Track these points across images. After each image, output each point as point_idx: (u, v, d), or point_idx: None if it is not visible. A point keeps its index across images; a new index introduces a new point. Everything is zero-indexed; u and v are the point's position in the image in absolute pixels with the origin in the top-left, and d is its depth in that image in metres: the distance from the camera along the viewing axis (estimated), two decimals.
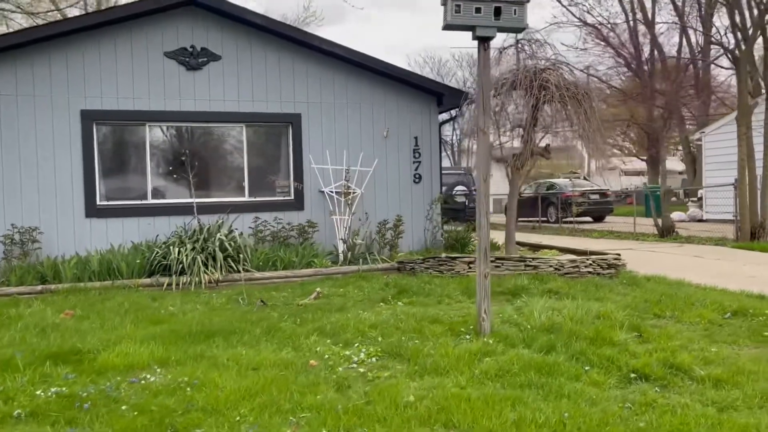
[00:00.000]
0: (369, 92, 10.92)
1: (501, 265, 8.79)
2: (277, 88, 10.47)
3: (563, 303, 6.53)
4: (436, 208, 11.03)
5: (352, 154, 10.69)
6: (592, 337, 5.29)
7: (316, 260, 9.53)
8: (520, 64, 9.69)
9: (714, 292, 7.45)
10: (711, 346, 5.17)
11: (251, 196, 10.48)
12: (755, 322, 5.94)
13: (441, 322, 6.07)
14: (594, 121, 8.93)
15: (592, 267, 8.77)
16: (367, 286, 8.26)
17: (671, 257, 11.45)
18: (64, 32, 9.42)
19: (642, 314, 6.35)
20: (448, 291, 7.77)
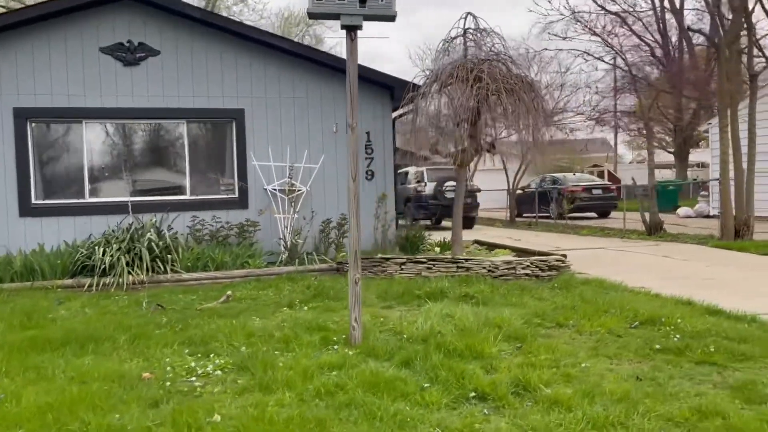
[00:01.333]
0: (317, 86, 10.54)
1: (433, 266, 8.34)
2: (219, 83, 10.17)
3: (464, 309, 6.08)
4: (384, 206, 10.60)
5: (299, 150, 10.35)
6: (461, 350, 4.85)
7: (250, 261, 9.21)
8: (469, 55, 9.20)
9: (642, 297, 6.90)
10: (587, 360, 4.69)
11: (193, 194, 10.21)
12: (657, 333, 5.41)
13: (325, 330, 5.69)
14: (535, 115, 8.40)
15: (530, 269, 8.26)
16: (289, 288, 7.92)
17: (638, 257, 10.82)
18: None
19: (544, 322, 5.87)
20: (366, 294, 7.35)
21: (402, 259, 8.52)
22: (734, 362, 4.61)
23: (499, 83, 8.23)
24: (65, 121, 9.73)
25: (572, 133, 23.63)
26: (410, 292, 7.22)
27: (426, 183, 20.18)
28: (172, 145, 10.36)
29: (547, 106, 9.06)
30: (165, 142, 10.41)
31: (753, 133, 12.39)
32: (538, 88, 8.93)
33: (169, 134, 10.35)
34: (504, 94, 8.19)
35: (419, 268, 8.36)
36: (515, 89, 8.34)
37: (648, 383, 4.18)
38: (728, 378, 4.29)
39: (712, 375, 4.37)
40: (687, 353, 4.76)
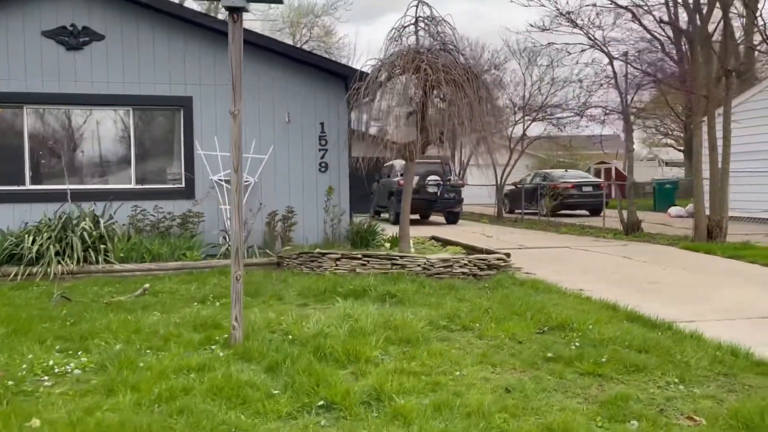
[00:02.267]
0: (269, 74, 10.24)
1: (367, 263, 8.04)
2: (166, 70, 9.90)
3: (370, 309, 5.78)
4: (334, 199, 10.29)
5: (250, 140, 10.04)
6: (339, 354, 4.55)
7: (188, 253, 8.95)
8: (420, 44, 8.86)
9: (569, 301, 6.55)
10: (469, 368, 4.37)
11: (139, 183, 9.96)
12: (561, 339, 5.08)
13: (218, 328, 5.40)
14: (479, 108, 8.05)
15: (468, 267, 7.93)
16: (215, 282, 7.65)
17: (597, 258, 10.44)
18: None
19: (450, 324, 5.55)
20: (288, 291, 7.09)
21: (337, 254, 8.22)
22: (623, 374, 4.28)
23: (440, 74, 7.87)
24: (5, 105, 9.50)
25: (564, 129, 23.07)
26: (333, 289, 6.92)
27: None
28: (117, 133, 10.11)
29: (495, 100, 8.68)
30: (110, 130, 10.16)
31: (728, 131, 11.94)
32: (487, 80, 8.56)
33: (114, 121, 10.10)
34: (443, 85, 7.83)
35: (353, 264, 8.06)
36: (457, 80, 7.99)
37: (516, 395, 3.87)
38: (607, 391, 3.97)
39: (592, 387, 4.05)
40: (577, 363, 4.43)
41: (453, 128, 8.13)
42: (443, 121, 8.17)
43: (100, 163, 10.10)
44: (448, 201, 19.65)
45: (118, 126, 10.06)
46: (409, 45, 8.52)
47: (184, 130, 9.97)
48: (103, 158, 10.13)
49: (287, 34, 37.07)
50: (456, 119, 7.95)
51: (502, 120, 8.71)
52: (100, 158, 10.10)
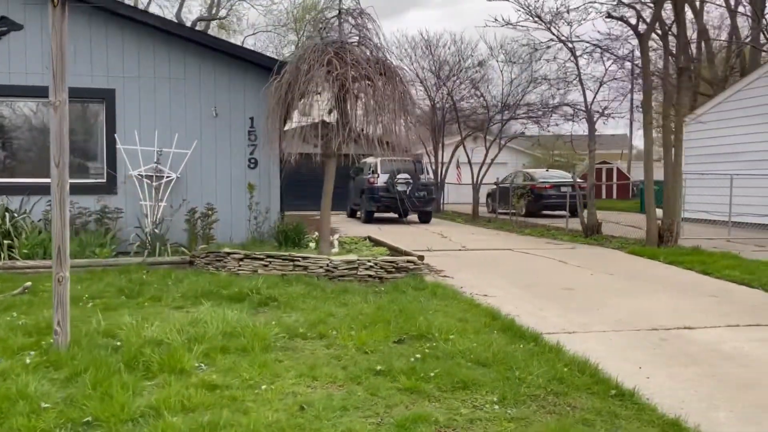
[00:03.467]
0: (196, 66, 9.96)
1: (269, 264, 7.75)
2: (88, 61, 9.63)
3: (230, 315, 5.48)
4: (263, 197, 10.00)
5: (175, 134, 9.78)
6: (155, 363, 4.27)
7: (97, 250, 8.70)
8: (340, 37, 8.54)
9: (454, 308, 6.23)
10: (286, 381, 4.07)
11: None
12: (410, 350, 4.75)
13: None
14: (392, 105, 7.72)
15: (374, 270, 7.62)
16: (108, 282, 7.36)
17: (532, 261, 10.11)
18: None
19: (307, 332, 5.25)
20: (172, 292, 6.78)
21: (240, 254, 7.93)
22: (445, 391, 3.97)
23: (347, 68, 7.55)
24: None
25: (545, 128, 22.64)
26: (218, 291, 6.65)
27: (379, 174, 19.51)
28: (38, 125, 9.86)
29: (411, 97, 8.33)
30: (30, 122, 9.93)
31: (680, 131, 11.55)
32: (405, 77, 8.22)
33: (34, 114, 9.86)
34: (349, 80, 7.51)
35: (256, 264, 7.77)
36: (370, 75, 7.67)
37: (309, 414, 3.56)
38: (412, 410, 3.65)
39: (400, 406, 3.73)
40: (403, 378, 4.11)
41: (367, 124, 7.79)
42: (354, 117, 7.85)
43: (21, 155, 9.87)
44: (419, 199, 19.32)
45: (40, 119, 9.81)
46: (323, 38, 8.20)
47: (107, 123, 9.72)
48: (24, 151, 9.89)
49: (291, 29, 36.68)
50: (369, 115, 7.62)
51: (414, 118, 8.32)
52: (20, 151, 9.87)
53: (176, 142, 9.69)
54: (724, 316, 6.29)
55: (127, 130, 9.70)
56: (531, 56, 19.32)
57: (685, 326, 5.83)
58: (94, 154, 9.93)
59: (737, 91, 18.04)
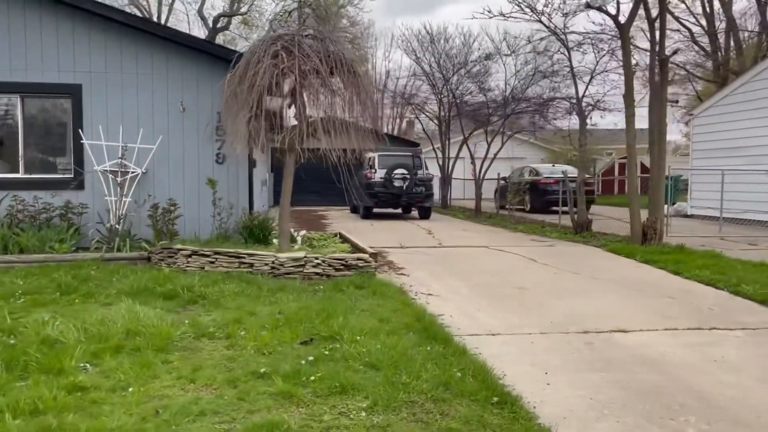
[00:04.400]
0: (163, 62, 9.90)
1: (215, 260, 7.66)
2: (54, 57, 9.65)
3: (145, 312, 5.39)
4: (231, 192, 9.90)
5: (143, 129, 9.74)
6: (39, 362, 4.20)
7: (56, 246, 8.70)
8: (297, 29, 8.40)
9: (389, 307, 6.05)
10: (160, 384, 3.96)
11: (28, 172, 9.76)
12: (310, 353, 4.60)
13: None
14: (343, 100, 7.55)
15: (321, 267, 7.49)
16: (54, 277, 7.30)
17: (500, 259, 9.86)
18: None
19: (217, 331, 5.13)
20: (110, 288, 6.71)
21: (188, 250, 7.86)
22: (323, 396, 3.83)
23: (294, 60, 7.40)
24: None
25: (552, 123, 22.17)
26: (153, 288, 6.57)
27: (376, 170, 19.35)
28: (5, 121, 9.91)
29: (370, 93, 8.12)
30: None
31: (663, 124, 11.14)
32: (362, 72, 8.02)
33: (3, 109, 9.91)
34: (296, 73, 7.35)
35: (203, 261, 7.69)
36: (320, 70, 7.50)
37: (160, 418, 3.45)
38: (274, 416, 3.51)
39: (269, 411, 3.59)
40: (281, 381, 3.97)
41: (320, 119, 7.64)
42: (303, 111, 7.70)
43: None
44: (416, 195, 19.11)
45: (8, 114, 9.86)
46: (274, 31, 8.06)
47: (73, 118, 9.72)
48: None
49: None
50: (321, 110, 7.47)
51: (373, 114, 8.12)
52: None
53: (141, 137, 9.66)
54: (670, 318, 6.01)
55: (94, 125, 9.69)
56: (533, 48, 18.96)
57: (620, 329, 5.58)
58: (61, 149, 9.95)
59: (743, 84, 17.46)
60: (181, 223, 9.69)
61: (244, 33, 35.74)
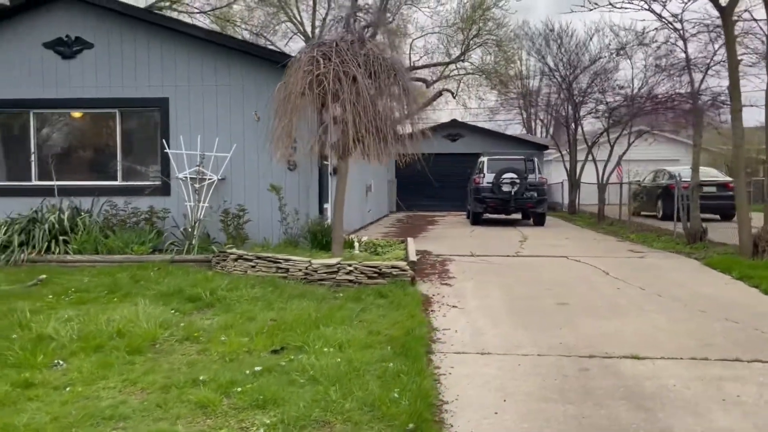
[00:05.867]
0: (239, 74, 10.39)
1: (256, 265, 7.85)
2: (146, 73, 10.50)
3: (145, 312, 5.67)
4: (301, 198, 10.10)
5: (220, 138, 10.30)
6: (15, 357, 4.55)
7: (135, 247, 9.44)
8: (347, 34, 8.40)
9: (390, 319, 5.82)
10: (101, 385, 4.11)
11: (125, 180, 10.70)
12: (274, 362, 4.55)
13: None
14: (384, 106, 7.40)
15: (354, 275, 7.38)
16: (118, 277, 7.95)
17: (567, 270, 9.08)
18: None
19: (201, 336, 5.25)
20: (159, 289, 7.07)
21: (236, 254, 8.14)
22: (238, 409, 3.76)
23: (329, 66, 7.38)
24: (16, 111, 10.76)
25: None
26: (183, 291, 6.87)
27: (485, 174, 18.81)
28: (106, 133, 10.94)
29: (412, 95, 7.86)
30: (100, 130, 11.04)
31: None
32: (405, 75, 7.80)
33: (103, 122, 10.95)
34: (330, 79, 7.32)
35: (246, 265, 7.92)
36: (356, 74, 7.43)
37: (66, 420, 3.58)
38: (168, 427, 3.51)
39: (163, 422, 3.60)
40: (206, 391, 3.96)
41: (357, 127, 7.57)
42: (330, 116, 7.67)
43: (94, 160, 11.02)
44: (527, 200, 18.26)
45: (108, 127, 10.88)
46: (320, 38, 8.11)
47: (161, 129, 10.50)
48: (96, 156, 11.04)
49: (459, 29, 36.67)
50: (353, 117, 7.40)
51: (416, 116, 7.83)
52: (93, 156, 11.03)
53: (217, 146, 10.19)
54: (708, 346, 5.17)
55: (178, 135, 10.39)
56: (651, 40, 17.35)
57: (634, 355, 4.90)
58: (150, 158, 10.78)
59: None
60: (254, 228, 10.08)
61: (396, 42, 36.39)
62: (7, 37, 10.58)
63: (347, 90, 7.39)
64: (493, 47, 32.33)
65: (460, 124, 29.81)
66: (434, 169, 28.93)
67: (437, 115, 40.89)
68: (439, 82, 35.65)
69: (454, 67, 34.79)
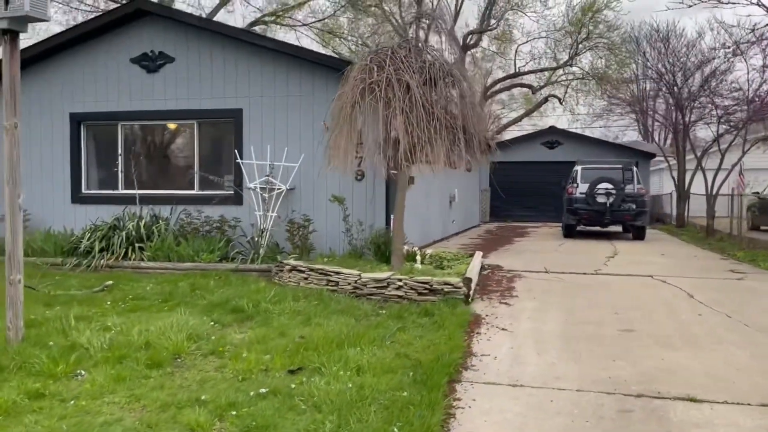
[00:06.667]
0: (310, 83, 10.39)
1: (308, 277, 7.71)
2: (222, 84, 10.75)
3: (176, 322, 5.66)
4: (347, 209, 9.89)
5: (288, 147, 10.35)
6: (41, 366, 4.64)
7: (204, 255, 9.63)
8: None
9: (426, 340, 5.45)
10: (107, 399, 4.08)
11: (201, 189, 11.00)
12: (282, 382, 4.35)
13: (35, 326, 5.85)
14: (417, 114, 7.06)
15: (403, 291, 7.06)
16: (180, 285, 8.11)
17: (647, 292, 8.25)
18: (55, 48, 11.25)
19: (225, 352, 5.14)
20: (210, 299, 7.13)
21: (290, 266, 8.05)
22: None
23: (383, 75, 7.14)
24: (106, 123, 11.36)
25: None
26: (228, 302, 6.85)
27: (578, 184, 17.82)
28: (185, 144, 11.31)
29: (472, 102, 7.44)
30: (180, 141, 11.44)
31: None
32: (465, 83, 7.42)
33: (182, 134, 11.33)
34: (382, 88, 7.07)
35: (299, 277, 7.81)
36: (410, 82, 7.13)
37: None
38: None
39: None
40: (202, 412, 3.81)
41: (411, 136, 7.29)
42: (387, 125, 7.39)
43: (172, 170, 11.43)
44: (624, 212, 17.08)
45: (186, 138, 11.25)
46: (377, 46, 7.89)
47: (235, 140, 10.70)
48: (170, 166, 11.44)
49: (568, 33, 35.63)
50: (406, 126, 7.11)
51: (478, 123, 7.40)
52: (167, 167, 11.43)
53: (287, 156, 10.23)
54: None
55: (250, 145, 10.54)
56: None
57: (692, 397, 4.26)
58: (225, 168, 11.00)
59: None
60: (321, 238, 10.03)
61: (501, 48, 35.81)
62: (100, 53, 11.21)
63: (399, 98, 7.11)
64: (604, 51, 30.90)
65: (559, 131, 28.60)
66: (531, 178, 28.04)
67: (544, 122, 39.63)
68: (546, 88, 34.58)
69: (562, 72, 33.62)
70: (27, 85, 11.39)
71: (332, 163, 7.89)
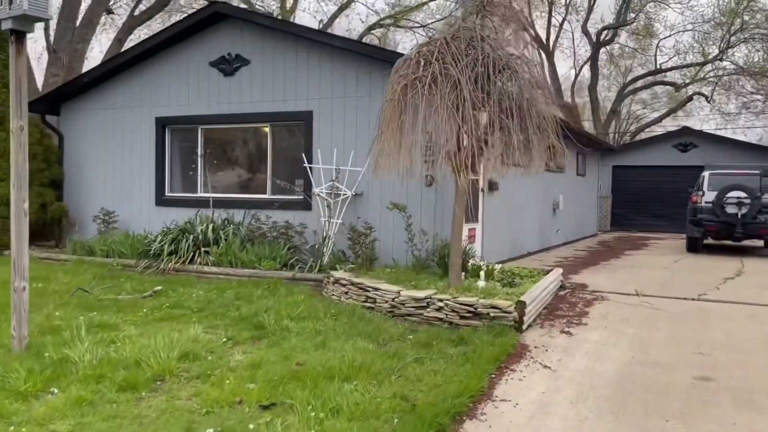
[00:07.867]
0: (379, 83, 9.75)
1: (348, 291, 7.11)
2: (293, 86, 10.47)
3: (182, 337, 5.29)
4: (411, 218, 9.12)
5: (355, 151, 9.86)
6: (10, 383, 4.43)
7: (263, 262, 9.36)
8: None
9: (444, 375, 4.65)
10: (87, 421, 3.75)
11: (273, 193, 10.78)
12: (245, 417, 3.79)
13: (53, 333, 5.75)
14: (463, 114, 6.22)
15: (444, 312, 6.26)
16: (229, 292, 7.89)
17: (753, 328, 6.77)
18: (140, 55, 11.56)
19: (213, 373, 4.68)
20: (242, 312, 6.78)
21: (333, 278, 7.50)
22: None
23: (428, 68, 6.38)
24: (188, 127, 11.51)
25: None
26: (254, 317, 6.42)
27: (704, 192, 15.82)
28: (258, 147, 11.15)
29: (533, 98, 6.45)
30: (253, 144, 11.29)
31: None
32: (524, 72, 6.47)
33: (256, 137, 11.18)
34: (426, 83, 6.30)
35: (340, 291, 7.24)
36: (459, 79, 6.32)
37: None
38: None
39: None
40: None
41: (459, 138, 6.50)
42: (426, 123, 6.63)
43: (247, 174, 11.32)
44: (759, 225, 14.89)
45: (259, 141, 11.09)
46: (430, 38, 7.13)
47: (304, 143, 10.37)
48: (244, 171, 11.32)
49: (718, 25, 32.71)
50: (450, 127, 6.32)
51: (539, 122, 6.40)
52: (241, 171, 11.33)
53: (353, 160, 9.74)
54: None
55: (319, 149, 10.17)
56: None
57: None
58: (295, 172, 10.68)
59: None
60: (387, 247, 9.47)
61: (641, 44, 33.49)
62: (182, 58, 11.37)
63: (446, 96, 6.32)
64: (762, 43, 27.87)
65: (693, 132, 25.85)
66: (659, 184, 25.56)
67: (691, 123, 36.30)
68: (693, 85, 31.80)
69: (710, 68, 30.68)
70: (116, 92, 11.91)
71: (378, 165, 7.25)
